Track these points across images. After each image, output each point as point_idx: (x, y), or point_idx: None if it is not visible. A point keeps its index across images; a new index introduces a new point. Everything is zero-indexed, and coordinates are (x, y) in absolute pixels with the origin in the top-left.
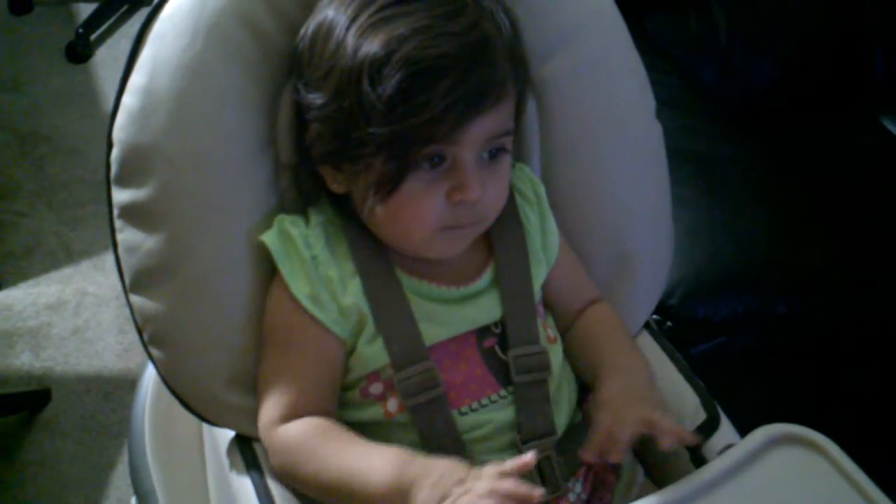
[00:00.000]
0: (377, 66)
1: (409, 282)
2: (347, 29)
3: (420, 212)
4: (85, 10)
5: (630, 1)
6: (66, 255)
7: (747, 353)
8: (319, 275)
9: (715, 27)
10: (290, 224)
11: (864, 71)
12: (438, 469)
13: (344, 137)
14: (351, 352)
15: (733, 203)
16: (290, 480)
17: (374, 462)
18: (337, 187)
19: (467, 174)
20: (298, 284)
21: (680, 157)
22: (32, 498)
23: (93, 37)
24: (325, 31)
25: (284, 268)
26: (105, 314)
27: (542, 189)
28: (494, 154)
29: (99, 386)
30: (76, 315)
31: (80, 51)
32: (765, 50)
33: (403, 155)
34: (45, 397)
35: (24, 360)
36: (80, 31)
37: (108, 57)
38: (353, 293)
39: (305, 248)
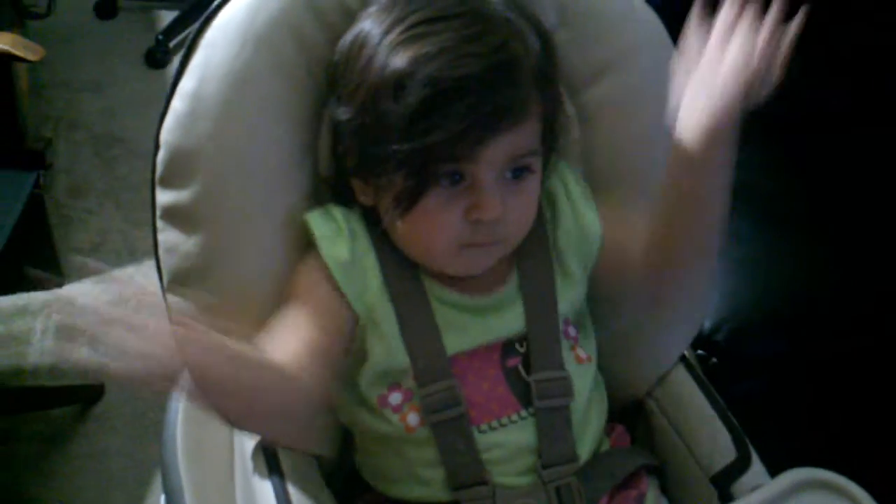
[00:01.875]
0: (400, 83)
1: (431, 286)
2: (379, 45)
3: (438, 228)
4: (167, 18)
5: (680, 27)
6: (130, 255)
7: (792, 392)
8: (355, 248)
9: None
10: (333, 207)
11: None
12: None
13: (367, 153)
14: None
15: (783, 237)
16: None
17: None
18: (365, 199)
19: (484, 193)
20: (334, 250)
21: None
22: (78, 489)
23: (172, 43)
24: (358, 45)
25: (323, 235)
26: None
27: (570, 177)
28: (519, 174)
29: None
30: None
31: (158, 57)
32: (827, 73)
33: (422, 171)
34: (99, 392)
35: (82, 354)
36: (160, 37)
37: None
38: (376, 293)
39: (344, 221)
